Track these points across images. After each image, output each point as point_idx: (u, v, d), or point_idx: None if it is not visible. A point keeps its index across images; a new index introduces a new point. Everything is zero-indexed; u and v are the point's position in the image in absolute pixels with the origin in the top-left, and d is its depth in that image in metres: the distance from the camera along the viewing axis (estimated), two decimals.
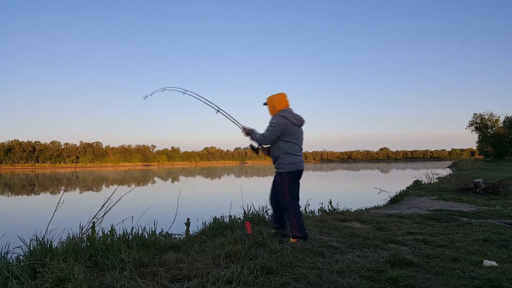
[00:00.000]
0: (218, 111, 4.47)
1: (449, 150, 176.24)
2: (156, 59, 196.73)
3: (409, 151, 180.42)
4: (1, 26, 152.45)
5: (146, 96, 4.81)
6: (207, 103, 4.56)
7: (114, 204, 4.10)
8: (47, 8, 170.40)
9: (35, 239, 3.34)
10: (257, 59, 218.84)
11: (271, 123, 3.95)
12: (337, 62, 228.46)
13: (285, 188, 3.92)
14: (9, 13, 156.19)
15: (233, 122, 4.42)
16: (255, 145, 4.18)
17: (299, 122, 4.03)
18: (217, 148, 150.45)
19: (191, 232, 4.68)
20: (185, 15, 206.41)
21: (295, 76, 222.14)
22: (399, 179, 23.39)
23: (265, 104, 4.15)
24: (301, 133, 4.08)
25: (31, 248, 3.23)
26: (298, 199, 4.02)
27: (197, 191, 21.17)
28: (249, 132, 4.14)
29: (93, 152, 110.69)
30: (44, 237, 3.38)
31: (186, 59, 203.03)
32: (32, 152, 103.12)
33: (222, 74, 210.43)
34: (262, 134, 3.98)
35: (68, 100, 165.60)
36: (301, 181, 4.09)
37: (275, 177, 4.13)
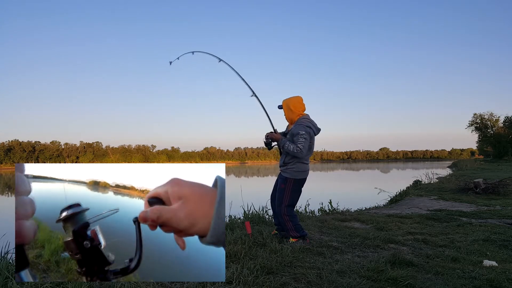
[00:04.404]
0: (253, 94, 4.30)
1: (449, 150, 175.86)
2: (156, 59, 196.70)
3: (409, 151, 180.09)
4: (1, 26, 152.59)
5: (171, 61, 4.78)
6: (243, 80, 4.38)
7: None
8: (47, 8, 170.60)
9: None
10: (256, 58, 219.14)
11: (300, 135, 3.74)
12: (337, 62, 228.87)
13: (286, 194, 3.89)
14: (9, 14, 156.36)
15: (266, 114, 4.22)
16: (271, 141, 4.05)
17: (318, 131, 3.99)
18: (217, 148, 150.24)
19: None
20: (182, 17, 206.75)
21: (294, 76, 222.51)
22: (399, 179, 23.37)
23: (280, 107, 4.02)
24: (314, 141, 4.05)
25: None
26: (293, 206, 4.01)
27: None
28: (279, 139, 3.94)
29: (93, 152, 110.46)
30: None
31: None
32: (32, 152, 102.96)
33: (220, 75, 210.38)
34: (297, 147, 3.73)
35: (68, 100, 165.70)
36: None
37: (277, 180, 4.10)
